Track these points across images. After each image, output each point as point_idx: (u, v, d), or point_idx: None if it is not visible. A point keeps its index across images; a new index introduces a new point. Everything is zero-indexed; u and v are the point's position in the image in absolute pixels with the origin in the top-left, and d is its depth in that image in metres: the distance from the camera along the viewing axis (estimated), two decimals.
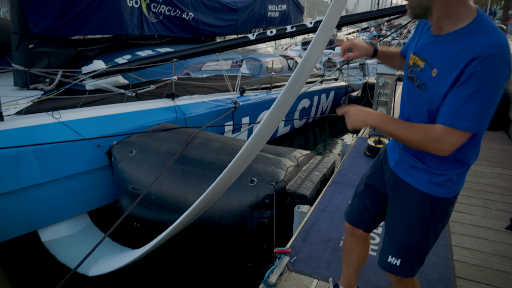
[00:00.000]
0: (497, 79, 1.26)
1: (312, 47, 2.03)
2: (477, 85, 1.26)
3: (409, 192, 1.63)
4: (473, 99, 1.27)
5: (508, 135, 5.94)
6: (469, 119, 1.30)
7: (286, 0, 10.78)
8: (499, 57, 1.23)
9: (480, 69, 1.24)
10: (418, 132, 1.42)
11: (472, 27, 1.32)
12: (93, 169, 4.48)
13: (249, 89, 6.99)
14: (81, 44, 6.34)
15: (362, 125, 1.53)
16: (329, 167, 4.34)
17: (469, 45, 1.29)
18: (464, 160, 1.52)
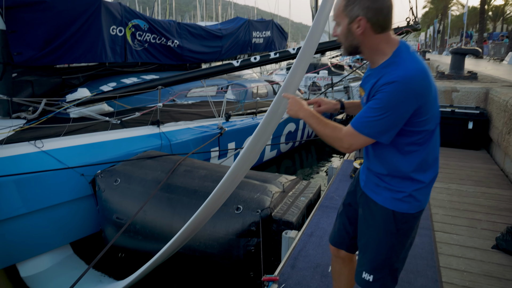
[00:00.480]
0: (398, 100, 1.48)
1: (292, 73, 2.06)
2: (381, 102, 1.50)
3: (375, 210, 1.78)
4: (376, 112, 1.52)
5: (489, 153, 6.03)
6: (368, 127, 1.55)
7: (270, 27, 10.99)
8: (401, 84, 1.47)
9: (385, 90, 1.49)
10: (329, 129, 1.67)
11: (391, 60, 1.57)
12: (76, 199, 4.41)
13: (234, 115, 7.02)
14: (65, 72, 6.33)
15: (294, 115, 1.78)
16: (315, 192, 4.34)
17: (384, 74, 1.53)
18: (419, 178, 1.68)
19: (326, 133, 1.67)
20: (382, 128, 1.55)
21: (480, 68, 12.37)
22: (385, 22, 1.56)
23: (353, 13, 1.55)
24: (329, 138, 1.67)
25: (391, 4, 1.56)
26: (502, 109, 5.28)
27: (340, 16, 1.61)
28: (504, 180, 4.83)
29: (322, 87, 14.56)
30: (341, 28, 1.63)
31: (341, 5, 1.59)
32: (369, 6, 1.52)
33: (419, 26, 8.26)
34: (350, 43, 1.63)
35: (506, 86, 6.62)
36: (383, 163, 1.72)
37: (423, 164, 1.67)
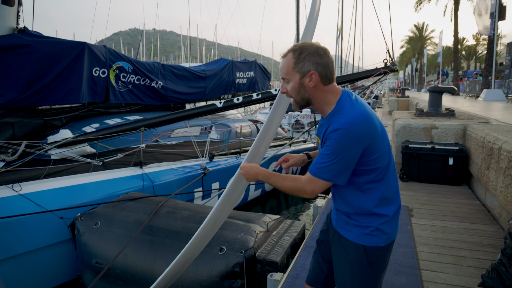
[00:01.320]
0: (345, 145, 1.62)
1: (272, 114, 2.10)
2: (331, 148, 1.64)
3: (347, 246, 1.85)
4: (329, 157, 1.65)
5: (471, 189, 6.11)
6: (325, 171, 1.67)
7: (253, 67, 11.21)
8: (345, 130, 1.61)
9: (334, 137, 1.63)
10: (289, 181, 1.77)
11: (336, 109, 1.73)
12: (54, 244, 4.27)
13: (218, 155, 7.02)
14: (48, 113, 6.30)
15: (253, 179, 1.89)
16: (299, 231, 4.30)
17: (332, 123, 1.69)
18: (382, 212, 1.79)
19: (288, 186, 1.77)
20: (336, 172, 1.67)
21: (457, 105, 12.73)
22: (331, 75, 1.74)
23: (304, 68, 1.70)
24: (291, 189, 1.77)
25: (332, 60, 1.76)
26: (480, 145, 5.41)
27: (291, 73, 1.74)
28: (486, 215, 4.87)
29: (305, 125, 14.78)
30: (291, 84, 1.76)
31: (291, 63, 1.72)
32: (318, 62, 1.69)
33: (396, 67, 8.53)
34: (302, 96, 1.77)
35: (482, 122, 6.80)
36: (347, 202, 1.83)
37: (384, 198, 1.79)
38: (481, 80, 21.99)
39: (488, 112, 9.42)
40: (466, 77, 35.66)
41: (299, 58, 1.71)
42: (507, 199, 4.14)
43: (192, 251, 2.24)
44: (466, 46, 65.52)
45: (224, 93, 10.17)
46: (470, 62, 67.61)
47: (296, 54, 1.72)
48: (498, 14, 16.03)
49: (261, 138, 2.16)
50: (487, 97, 16.30)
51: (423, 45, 62.60)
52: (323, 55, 1.70)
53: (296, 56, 1.72)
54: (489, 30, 17.01)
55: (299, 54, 1.71)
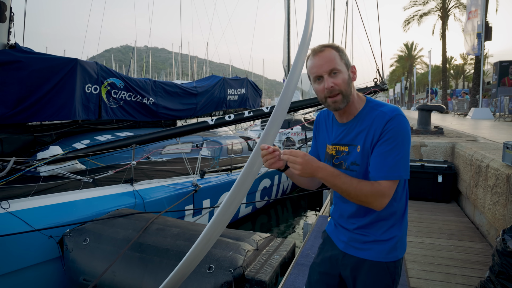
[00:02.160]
0: (406, 131, 1.55)
1: (266, 132, 2.12)
2: (394, 139, 1.52)
3: (367, 268, 1.69)
4: (395, 151, 1.52)
5: (460, 206, 6.16)
6: (399, 168, 1.52)
7: (244, 84, 11.29)
8: (401, 115, 1.55)
9: (394, 126, 1.53)
10: (365, 185, 1.53)
11: (369, 105, 1.66)
12: (43, 262, 4.20)
13: (209, 172, 7.01)
14: (38, 129, 6.28)
15: (308, 176, 1.55)
16: (289, 250, 4.29)
17: (377, 116, 1.59)
18: (404, 217, 1.72)
19: (364, 191, 1.53)
20: (406, 163, 1.55)
21: (446, 123, 12.90)
22: None
23: (348, 62, 1.66)
24: (366, 196, 1.53)
25: None
26: (468, 163, 5.48)
27: (340, 64, 1.62)
28: (475, 232, 4.91)
29: (296, 142, 14.82)
30: (341, 75, 1.61)
31: (335, 55, 1.62)
32: (348, 59, 1.68)
33: (386, 86, 8.67)
34: (351, 89, 1.65)
35: (470, 140, 6.90)
36: (369, 211, 1.66)
37: (403, 196, 1.71)
38: (469, 98, 22.35)
39: (476, 130, 9.56)
40: (454, 96, 36.22)
41: (342, 52, 1.65)
42: (495, 217, 4.19)
43: (183, 272, 2.22)
44: (454, 65, 66.68)
45: (215, 110, 10.21)
46: (458, 81, 68.71)
47: (339, 49, 1.66)
48: (485, 34, 16.41)
49: (255, 156, 2.14)
50: (475, 115, 16.56)
51: (412, 63, 63.62)
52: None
53: (338, 50, 1.65)
54: (477, 50, 17.38)
55: (340, 49, 1.66)
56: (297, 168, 1.52)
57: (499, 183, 4.07)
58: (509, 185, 3.76)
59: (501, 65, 22.71)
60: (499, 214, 4.05)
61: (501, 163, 4.20)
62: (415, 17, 35.69)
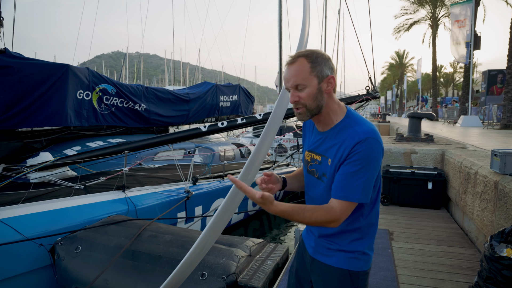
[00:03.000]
0: (374, 156, 1.54)
1: (262, 139, 2.14)
2: (361, 163, 1.52)
3: (330, 273, 1.73)
4: (359, 174, 1.53)
5: (449, 212, 6.22)
6: (359, 192, 1.53)
7: (237, 91, 11.32)
8: (373, 139, 1.53)
9: (362, 149, 1.52)
10: (320, 214, 1.53)
11: (347, 120, 1.65)
12: (34, 270, 4.15)
13: (201, 178, 7.01)
14: (28, 136, 6.23)
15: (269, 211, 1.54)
16: (283, 255, 4.30)
17: (350, 134, 1.58)
18: (369, 233, 1.73)
19: (319, 219, 1.54)
20: (368, 189, 1.56)
21: (436, 131, 13.03)
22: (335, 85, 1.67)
23: (323, 73, 1.61)
24: (323, 223, 1.56)
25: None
26: (457, 170, 5.55)
27: (308, 78, 1.60)
28: (464, 238, 4.97)
29: (288, 149, 14.88)
30: (308, 90, 1.61)
31: (307, 67, 1.60)
32: (332, 67, 1.64)
33: (378, 94, 8.75)
34: (318, 103, 1.63)
35: (459, 148, 6.99)
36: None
37: (372, 219, 1.73)
38: (459, 106, 22.62)
39: (465, 138, 9.68)
40: (444, 103, 36.61)
41: (316, 62, 1.60)
42: (483, 223, 4.25)
43: (176, 280, 2.22)
44: (444, 74, 67.55)
45: (208, 116, 10.22)
46: (448, 89, 69.51)
47: (312, 59, 1.61)
48: (474, 43, 16.66)
49: (251, 162, 2.15)
50: (464, 123, 16.75)
51: (403, 71, 64.25)
52: (331, 61, 1.65)
53: (311, 60, 1.60)
54: (466, 58, 17.63)
55: (315, 58, 1.61)
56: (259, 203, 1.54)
57: (487, 189, 4.13)
58: (497, 192, 3.83)
59: (490, 74, 23.07)
60: (487, 220, 4.11)
61: (489, 170, 4.27)
62: (405, 25, 36.11)
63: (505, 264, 2.57)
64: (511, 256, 2.56)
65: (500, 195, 3.75)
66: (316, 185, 1.77)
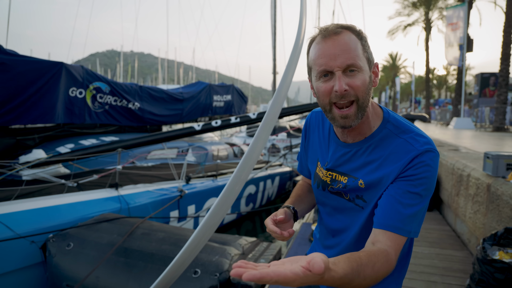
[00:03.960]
0: (435, 174, 1.14)
1: (256, 139, 2.14)
2: (423, 188, 1.11)
3: None
4: (416, 200, 1.11)
5: (441, 214, 6.26)
6: (414, 223, 1.12)
7: (230, 91, 11.33)
8: (434, 151, 1.13)
9: (424, 169, 1.11)
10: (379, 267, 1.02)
11: (388, 127, 1.21)
12: (25, 267, 4.13)
13: (195, 177, 7.00)
14: (20, 133, 6.19)
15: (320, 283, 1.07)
16: (275, 254, 4.31)
17: (398, 147, 1.16)
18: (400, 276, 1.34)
19: (381, 273, 1.02)
20: (422, 219, 1.15)
21: (429, 132, 13.11)
22: None
23: (372, 57, 1.19)
24: (385, 274, 1.04)
25: None
26: (450, 172, 5.58)
27: (362, 59, 1.14)
28: (456, 240, 5.00)
29: (281, 149, 14.90)
30: (362, 75, 1.14)
31: (357, 43, 1.14)
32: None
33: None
34: (369, 97, 1.19)
35: (452, 150, 7.03)
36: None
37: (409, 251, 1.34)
38: (451, 109, 22.79)
39: (457, 140, 9.75)
40: (437, 105, 36.88)
41: (365, 41, 1.17)
42: (475, 225, 4.28)
43: (169, 278, 2.21)
44: (437, 76, 67.94)
45: (201, 116, 10.22)
46: (441, 91, 69.97)
47: (359, 36, 1.16)
48: (466, 46, 16.79)
49: (245, 162, 2.14)
50: (457, 125, 16.87)
51: (396, 73, 64.57)
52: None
53: (360, 37, 1.16)
54: (458, 61, 17.76)
55: (363, 36, 1.17)
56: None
57: (480, 192, 4.16)
58: (490, 194, 3.86)
59: (483, 76, 23.24)
60: (480, 222, 4.13)
61: (481, 173, 4.30)
62: (400, 27, 36.31)
63: (497, 267, 2.59)
64: (503, 259, 2.58)
65: (492, 197, 3.78)
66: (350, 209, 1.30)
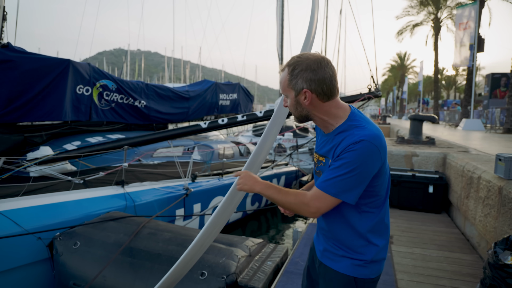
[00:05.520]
0: (364, 158, 1.52)
1: (264, 138, 2.10)
2: (346, 161, 1.52)
3: (336, 278, 1.73)
4: (338, 169, 1.54)
5: (450, 217, 6.19)
6: (336, 186, 1.55)
7: (236, 90, 11.28)
8: (368, 142, 1.52)
9: (353, 149, 1.52)
10: (291, 196, 1.63)
11: (349, 123, 1.63)
12: (31, 263, 4.13)
13: (200, 176, 6.98)
14: (28, 130, 6.20)
15: (249, 190, 1.73)
16: (282, 256, 4.27)
17: (348, 137, 1.57)
18: (374, 240, 1.70)
19: (289, 201, 1.63)
20: (348, 187, 1.54)
21: (437, 133, 12.99)
22: (330, 91, 1.61)
23: (297, 86, 1.61)
24: (293, 205, 1.63)
25: (333, 73, 1.61)
26: (460, 174, 5.51)
27: (287, 90, 1.67)
28: (465, 244, 4.93)
29: (287, 149, 14.86)
30: (289, 100, 1.69)
31: (286, 79, 1.65)
32: (312, 78, 1.58)
33: (380, 93, 8.70)
34: (300, 113, 1.69)
35: (462, 151, 6.95)
36: (341, 226, 1.72)
37: (378, 227, 1.71)
38: (460, 109, 22.59)
39: (467, 141, 9.64)
40: (445, 106, 36.58)
41: (292, 75, 1.62)
42: (486, 229, 4.21)
43: (175, 276, 2.19)
44: (446, 76, 67.43)
45: (207, 114, 10.18)
46: (449, 92, 69.47)
47: (290, 70, 1.64)
48: (477, 46, 16.61)
49: (253, 160, 2.12)
50: (466, 126, 16.71)
51: (404, 73, 64.18)
52: (317, 70, 1.58)
53: (290, 72, 1.64)
54: (469, 61, 17.58)
55: (293, 70, 1.62)
56: (239, 182, 1.75)
57: (491, 195, 4.09)
58: (501, 197, 3.79)
59: (493, 77, 23.02)
60: (490, 226, 4.06)
61: (493, 175, 4.23)
62: (408, 27, 36.02)
63: (510, 272, 2.53)
64: None
65: (504, 200, 3.70)
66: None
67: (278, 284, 3.73)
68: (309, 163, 13.61)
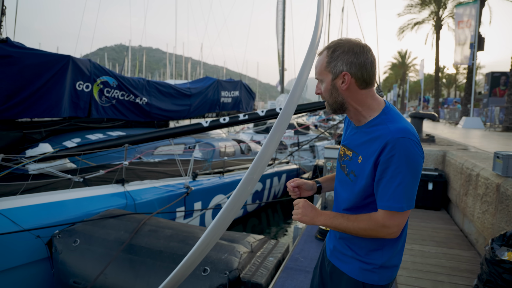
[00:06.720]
0: (411, 158, 1.42)
1: (270, 137, 2.10)
2: (396, 168, 1.42)
3: (343, 281, 1.65)
4: (397, 181, 1.42)
5: (449, 214, 6.20)
6: (401, 200, 1.43)
7: (238, 87, 11.26)
8: (405, 139, 1.42)
9: (394, 153, 1.42)
10: (363, 221, 1.51)
11: (382, 117, 1.54)
12: (30, 262, 4.11)
13: (201, 174, 6.98)
14: (27, 126, 6.18)
15: (309, 222, 1.60)
16: (283, 252, 4.28)
17: (382, 132, 1.48)
18: (390, 245, 1.60)
19: (363, 227, 1.50)
20: (413, 192, 1.45)
21: (437, 131, 13.00)
22: (369, 77, 1.53)
23: (336, 68, 1.53)
24: (368, 231, 1.50)
25: (374, 59, 1.54)
26: (459, 171, 5.52)
27: (323, 73, 1.57)
28: (463, 240, 4.95)
29: (288, 146, 14.85)
30: (324, 85, 1.59)
31: (324, 61, 1.56)
32: (353, 61, 1.50)
33: (382, 93, 8.71)
34: (335, 99, 1.58)
35: (461, 149, 6.96)
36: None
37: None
38: (460, 108, 22.58)
39: (467, 139, 9.65)
40: (446, 105, 36.53)
41: (332, 57, 1.53)
42: (484, 225, 4.23)
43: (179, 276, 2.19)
44: (446, 74, 67.36)
45: (209, 112, 10.17)
46: (450, 90, 69.41)
47: (330, 52, 1.54)
48: (478, 45, 16.59)
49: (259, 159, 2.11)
50: (466, 124, 16.71)
51: (405, 71, 64.13)
52: (359, 54, 1.50)
53: (329, 54, 1.54)
54: (469, 59, 17.56)
55: (333, 52, 1.53)
56: (297, 212, 1.63)
57: (489, 192, 4.11)
58: (499, 195, 3.80)
59: (493, 76, 23.01)
60: (488, 223, 4.08)
61: (491, 173, 4.25)
62: (409, 25, 35.98)
63: (506, 267, 2.55)
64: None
65: (502, 198, 3.72)
66: (344, 182, 1.68)
67: (279, 280, 3.75)
68: (310, 161, 13.61)
